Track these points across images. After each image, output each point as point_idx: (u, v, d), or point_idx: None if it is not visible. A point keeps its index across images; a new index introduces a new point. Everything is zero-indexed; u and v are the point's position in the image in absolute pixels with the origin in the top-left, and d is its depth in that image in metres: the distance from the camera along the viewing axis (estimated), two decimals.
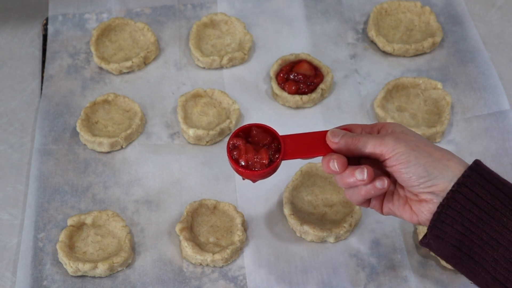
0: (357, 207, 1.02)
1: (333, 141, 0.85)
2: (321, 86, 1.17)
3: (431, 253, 1.00)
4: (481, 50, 1.24)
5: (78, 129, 1.12)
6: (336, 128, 0.87)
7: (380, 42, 1.23)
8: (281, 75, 1.18)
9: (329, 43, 1.27)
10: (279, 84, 1.18)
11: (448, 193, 0.78)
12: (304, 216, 1.04)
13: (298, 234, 1.03)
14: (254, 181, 0.90)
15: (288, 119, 1.17)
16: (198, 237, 1.02)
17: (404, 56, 1.24)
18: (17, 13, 1.34)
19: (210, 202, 1.05)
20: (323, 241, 1.02)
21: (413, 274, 0.99)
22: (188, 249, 0.99)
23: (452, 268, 0.98)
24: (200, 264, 1.00)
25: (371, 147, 0.82)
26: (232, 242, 1.01)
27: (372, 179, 0.82)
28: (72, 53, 1.25)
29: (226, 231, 1.03)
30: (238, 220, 1.02)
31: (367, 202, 0.87)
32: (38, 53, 1.28)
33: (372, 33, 1.25)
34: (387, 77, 1.21)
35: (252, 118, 1.17)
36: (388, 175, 0.84)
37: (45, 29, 1.29)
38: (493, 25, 1.31)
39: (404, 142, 0.81)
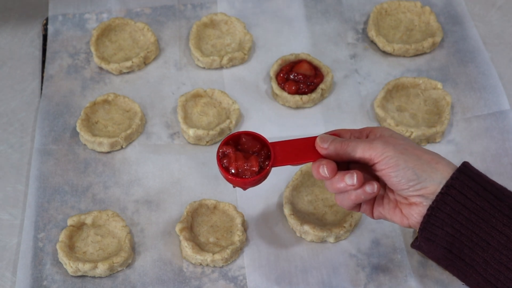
0: None
1: (322, 147, 0.85)
2: (321, 86, 1.17)
3: None
4: (481, 50, 1.24)
5: (78, 129, 1.12)
6: (325, 133, 0.87)
7: (380, 42, 1.23)
8: (281, 75, 1.18)
9: (329, 43, 1.27)
10: (279, 84, 1.18)
11: (437, 196, 0.79)
12: (304, 216, 1.04)
13: (298, 234, 1.03)
14: (244, 188, 0.90)
15: (288, 119, 1.17)
16: (198, 237, 1.02)
17: (404, 56, 1.24)
18: (17, 13, 1.34)
19: (210, 202, 1.05)
20: (323, 241, 1.02)
21: (413, 274, 0.99)
22: (188, 249, 0.99)
23: None
24: (200, 264, 1.00)
25: (360, 151, 0.82)
26: (232, 242, 1.01)
27: (362, 184, 0.83)
28: (72, 53, 1.25)
29: (226, 231, 1.03)
30: (238, 220, 1.02)
31: (357, 206, 0.87)
32: (38, 53, 1.28)
33: (372, 33, 1.25)
34: (387, 77, 1.21)
35: (252, 118, 1.17)
36: (378, 179, 0.85)
37: (45, 29, 1.29)
38: (493, 25, 1.31)
39: (393, 146, 0.81)
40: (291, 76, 1.17)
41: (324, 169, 0.84)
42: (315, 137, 0.87)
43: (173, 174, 1.10)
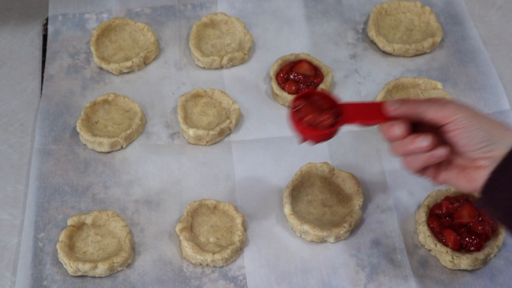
0: (357, 207, 1.03)
1: (392, 108, 0.86)
2: (321, 86, 1.17)
3: (431, 252, 1.00)
4: (481, 50, 1.24)
5: (78, 129, 1.12)
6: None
7: (380, 42, 1.23)
8: (281, 75, 1.18)
9: (329, 43, 1.27)
10: (279, 84, 1.18)
11: (502, 159, 0.79)
12: (304, 216, 1.04)
13: (298, 234, 1.03)
14: (315, 142, 0.89)
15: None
16: (198, 237, 1.02)
17: (404, 56, 1.24)
18: (17, 13, 1.34)
19: (210, 202, 1.05)
20: (323, 241, 1.02)
21: (413, 274, 0.99)
22: (188, 249, 0.99)
23: (452, 268, 0.98)
24: (200, 264, 1.00)
25: (432, 112, 0.83)
26: (232, 242, 1.01)
27: (433, 146, 0.83)
28: (72, 53, 1.25)
29: (226, 231, 1.03)
30: (238, 220, 1.02)
31: (423, 171, 0.87)
32: (38, 53, 1.28)
33: (372, 33, 1.25)
34: (387, 77, 1.21)
35: (252, 118, 1.17)
36: (443, 144, 0.85)
37: (45, 29, 1.29)
38: (493, 25, 1.31)
39: (464, 109, 0.82)
40: (291, 76, 1.17)
41: (396, 129, 0.84)
42: (382, 102, 0.88)
43: (173, 174, 1.10)
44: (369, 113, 0.87)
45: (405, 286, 0.98)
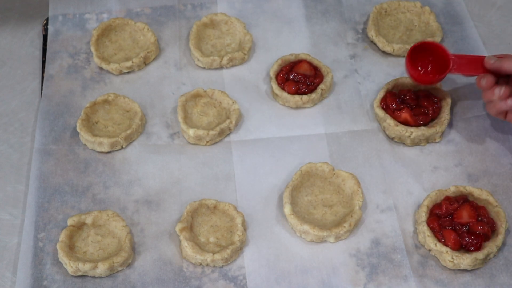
0: (357, 207, 1.03)
1: (491, 62, 1.04)
2: (321, 86, 1.17)
3: (431, 252, 1.00)
4: (481, 50, 1.24)
5: (78, 129, 1.12)
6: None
7: (380, 42, 1.23)
8: (281, 75, 1.18)
9: (329, 43, 1.27)
10: (279, 84, 1.18)
11: None
12: (304, 216, 1.04)
13: (298, 234, 1.03)
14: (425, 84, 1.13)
15: (288, 119, 1.17)
16: (198, 237, 1.03)
17: (403, 56, 1.24)
18: (17, 13, 1.34)
19: (210, 202, 1.05)
20: (323, 241, 1.02)
21: (413, 274, 0.99)
22: (188, 249, 0.99)
23: (451, 268, 0.98)
24: (200, 264, 1.00)
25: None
26: (232, 242, 1.01)
27: (506, 97, 1.02)
28: (72, 53, 1.25)
29: (226, 231, 1.03)
30: (238, 220, 1.02)
31: (502, 115, 1.05)
32: (38, 53, 1.28)
33: (372, 33, 1.25)
34: (387, 77, 1.22)
35: (252, 118, 1.17)
36: None
37: (45, 29, 1.29)
38: (493, 25, 1.31)
39: None
40: (291, 76, 1.17)
41: (483, 80, 1.04)
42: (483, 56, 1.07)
43: (173, 174, 1.10)
44: (472, 66, 1.08)
45: (405, 286, 0.98)
